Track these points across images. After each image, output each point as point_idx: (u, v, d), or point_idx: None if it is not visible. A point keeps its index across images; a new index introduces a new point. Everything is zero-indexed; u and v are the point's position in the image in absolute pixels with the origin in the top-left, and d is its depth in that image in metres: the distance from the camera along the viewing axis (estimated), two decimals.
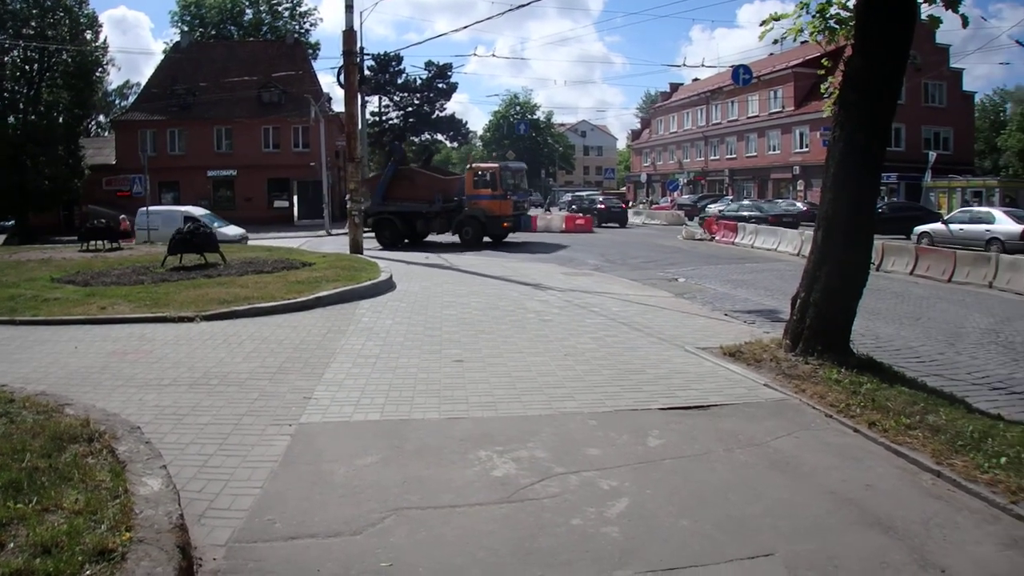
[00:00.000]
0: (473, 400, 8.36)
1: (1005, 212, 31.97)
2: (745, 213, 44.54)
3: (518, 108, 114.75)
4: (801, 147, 63.58)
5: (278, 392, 8.57)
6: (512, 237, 36.04)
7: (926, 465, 6.61)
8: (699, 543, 5.22)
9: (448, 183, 35.76)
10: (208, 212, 35.79)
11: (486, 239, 34.29)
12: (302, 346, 10.91)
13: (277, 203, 59.44)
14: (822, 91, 12.87)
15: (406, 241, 34.58)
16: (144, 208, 35.23)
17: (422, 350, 10.79)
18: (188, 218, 30.44)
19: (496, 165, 35.73)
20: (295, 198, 59.55)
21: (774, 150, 68.00)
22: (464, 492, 5.97)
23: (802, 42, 13.33)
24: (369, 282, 16.39)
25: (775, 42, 11.99)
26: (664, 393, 8.78)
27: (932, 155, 50.90)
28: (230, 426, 7.34)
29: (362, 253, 24.53)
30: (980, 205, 41.54)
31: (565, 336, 11.97)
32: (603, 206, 54.02)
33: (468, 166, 37.66)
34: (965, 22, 10.28)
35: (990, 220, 30.59)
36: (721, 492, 6.08)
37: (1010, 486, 6.08)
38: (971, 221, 31.34)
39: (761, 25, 11.61)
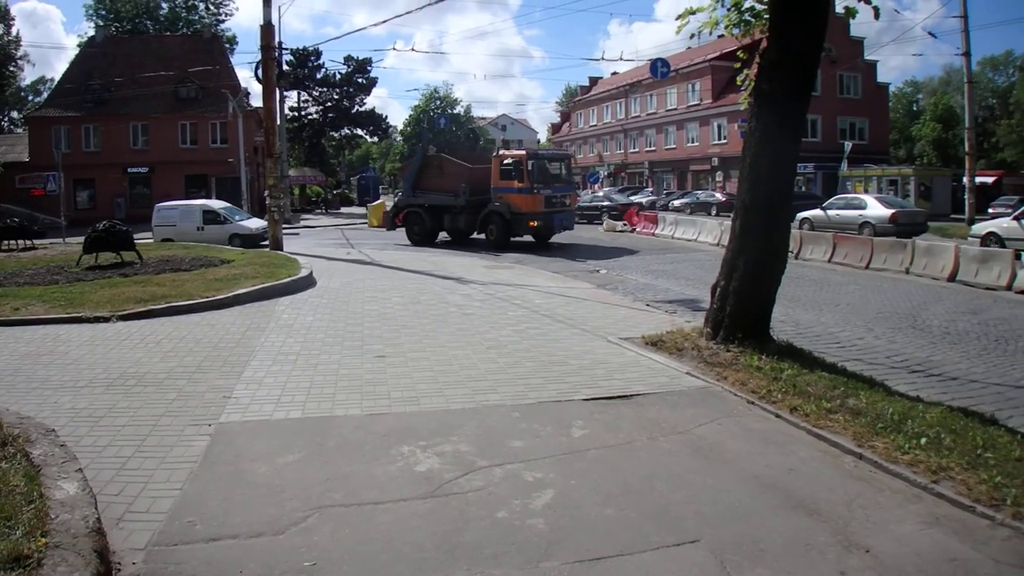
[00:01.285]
0: (396, 395, 8.24)
1: (876, 198, 34.53)
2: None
3: (438, 102, 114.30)
4: (719, 139, 64.48)
5: (197, 392, 8.34)
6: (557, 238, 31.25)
7: (848, 448, 6.71)
8: (625, 532, 5.20)
9: (477, 172, 30.23)
10: (228, 205, 33.88)
11: (526, 237, 29.54)
12: (221, 344, 10.64)
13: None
14: (738, 83, 12.98)
15: (442, 239, 31.45)
16: (159, 204, 33.32)
17: (343, 346, 10.61)
18: (208, 212, 30.56)
19: (522, 152, 30.02)
20: (213, 195, 58.33)
21: (693, 142, 68.83)
22: (388, 488, 5.85)
23: (719, 36, 13.43)
24: (289, 279, 16.10)
25: (692, 36, 12.05)
26: (587, 384, 8.77)
27: (848, 145, 52.04)
28: (148, 427, 7.12)
29: (282, 249, 24.06)
30: (869, 192, 43.59)
31: (487, 329, 11.89)
32: None
33: (495, 152, 31.34)
34: (877, 13, 10.43)
35: (862, 206, 32.68)
36: (646, 480, 6.06)
37: (930, 466, 6.21)
38: (846, 207, 33.39)
39: (677, 19, 11.64)
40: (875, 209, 31.84)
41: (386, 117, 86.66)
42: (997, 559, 4.96)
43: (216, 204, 32.98)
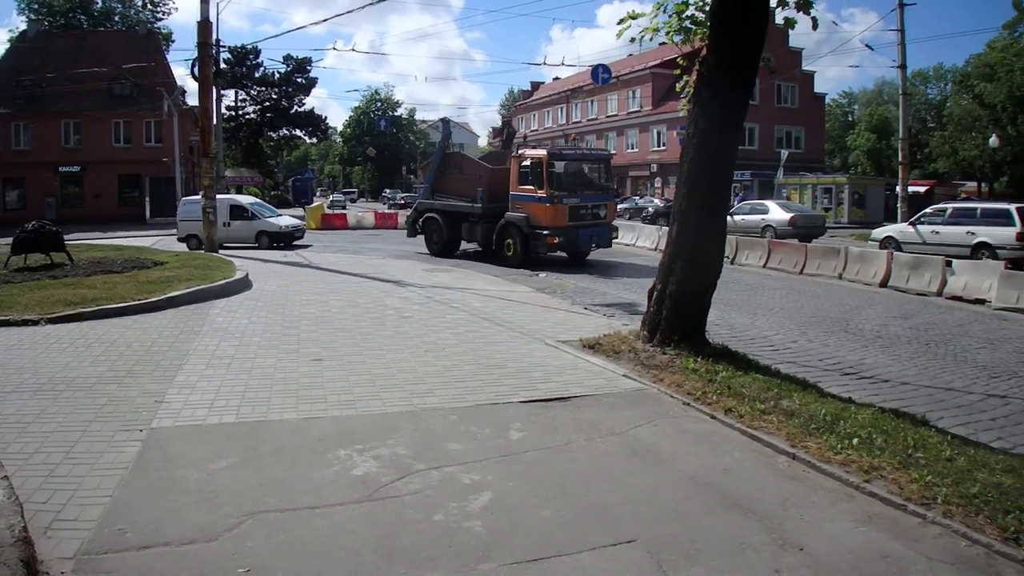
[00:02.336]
0: (332, 399, 8.13)
1: (777, 203, 36.91)
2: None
3: (379, 104, 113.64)
4: (659, 145, 65.28)
5: (128, 397, 8.10)
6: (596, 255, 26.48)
7: (781, 448, 6.80)
8: (562, 533, 5.19)
9: (498, 175, 25.05)
10: (256, 200, 33.55)
11: (558, 252, 24.60)
12: (153, 348, 10.39)
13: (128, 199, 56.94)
14: (678, 90, 13.08)
15: (468, 249, 27.50)
16: (186, 197, 32.34)
17: (279, 350, 10.44)
18: (236, 207, 30.13)
19: (542, 152, 23.99)
20: (147, 195, 57.20)
21: (632, 148, 69.59)
22: (323, 493, 5.77)
23: (660, 43, 13.54)
24: (224, 281, 15.82)
25: (632, 40, 12.09)
26: (525, 386, 8.76)
27: (784, 153, 53.13)
28: (77, 433, 6.90)
29: (217, 251, 23.70)
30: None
31: (426, 332, 11.82)
32: None
33: (515, 151, 25.81)
34: (815, 24, 10.62)
35: (765, 211, 35.13)
36: (583, 482, 6.07)
37: (862, 465, 6.33)
38: (751, 212, 35.78)
39: (619, 23, 11.72)
40: (776, 214, 34.31)
41: (325, 118, 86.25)
42: (929, 556, 5.06)
43: (244, 199, 32.32)
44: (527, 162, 23.68)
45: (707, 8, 10.87)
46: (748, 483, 6.14)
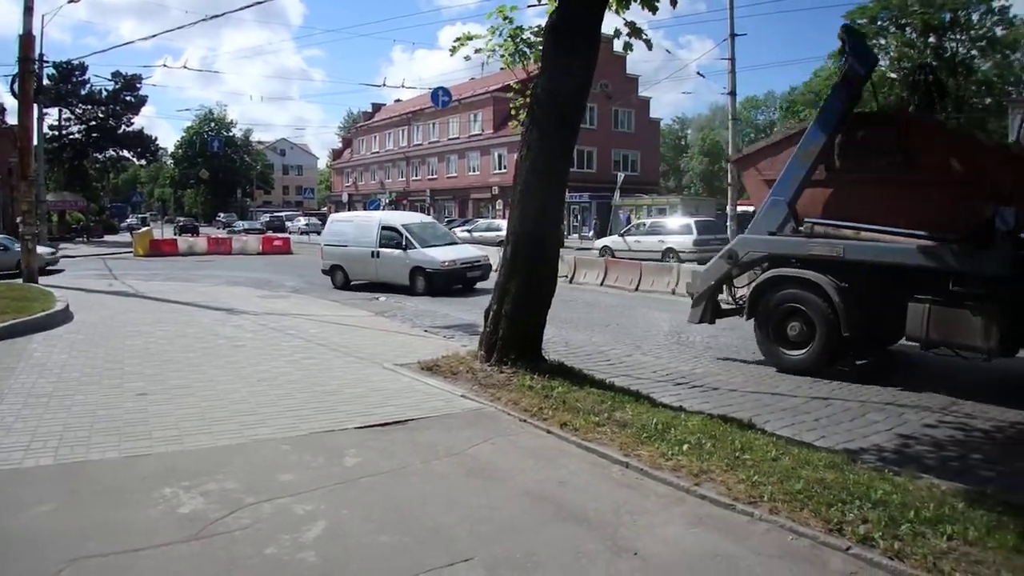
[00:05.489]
0: (157, 435, 7.73)
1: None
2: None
3: (212, 124, 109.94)
4: (499, 168, 66.03)
5: None
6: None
7: (615, 458, 6.91)
8: (399, 556, 5.10)
9: None
10: (425, 221, 26.74)
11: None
12: None
13: None
14: (511, 111, 13.25)
15: None
16: (334, 215, 28.71)
17: (101, 385, 9.90)
18: (388, 229, 23.51)
19: None
20: None
21: (474, 171, 70.24)
22: (149, 533, 5.45)
23: (501, 68, 13.67)
24: (43, 313, 14.90)
25: (467, 59, 12.24)
26: (361, 412, 8.60)
27: (621, 176, 54.89)
28: None
29: (36, 281, 22.29)
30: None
31: (259, 361, 11.47)
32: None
33: None
34: (649, 45, 11.06)
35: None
36: (419, 504, 5.99)
37: (692, 469, 6.52)
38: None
39: (455, 41, 11.83)
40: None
41: (155, 139, 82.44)
42: (757, 551, 5.23)
43: (402, 219, 25.10)
44: None
45: (541, 32, 11.05)
46: (583, 494, 6.19)
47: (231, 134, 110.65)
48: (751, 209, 56.33)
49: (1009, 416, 9.76)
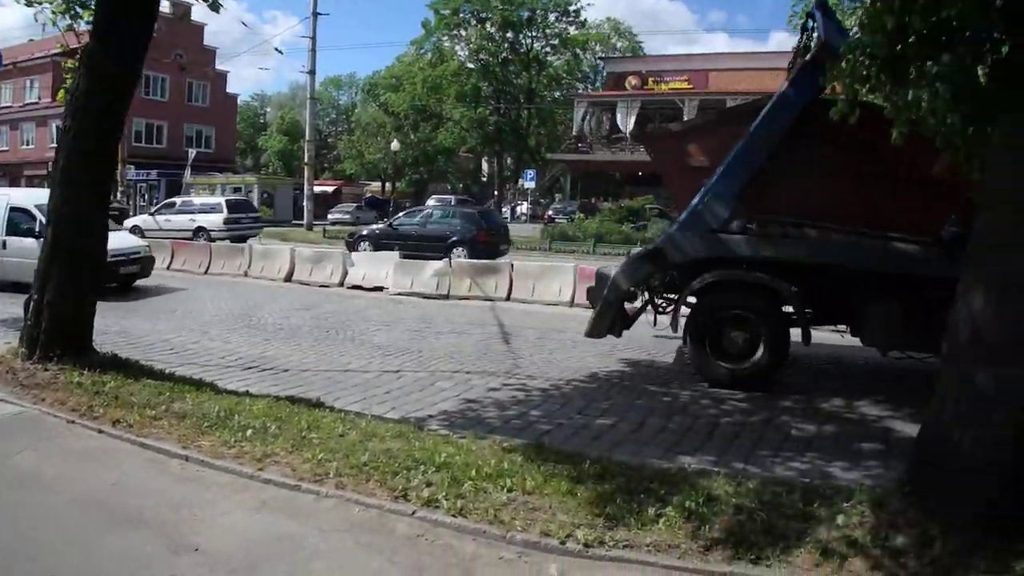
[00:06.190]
0: None
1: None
2: None
3: None
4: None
5: None
6: None
7: (174, 452, 6.60)
8: None
9: None
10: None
11: None
12: None
13: None
14: (64, 75, 11.73)
15: None
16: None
17: None
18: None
19: None
20: None
21: (29, 144, 62.94)
22: None
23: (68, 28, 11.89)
24: None
25: (36, 21, 10.76)
26: None
27: (192, 152, 52.61)
28: None
29: None
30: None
31: None
32: None
33: None
34: (216, 8, 10.51)
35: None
36: None
37: (255, 455, 6.40)
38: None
39: None
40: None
41: None
42: (322, 528, 5.29)
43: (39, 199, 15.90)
44: None
45: None
46: (140, 494, 5.84)
47: None
48: (330, 189, 58.12)
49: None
